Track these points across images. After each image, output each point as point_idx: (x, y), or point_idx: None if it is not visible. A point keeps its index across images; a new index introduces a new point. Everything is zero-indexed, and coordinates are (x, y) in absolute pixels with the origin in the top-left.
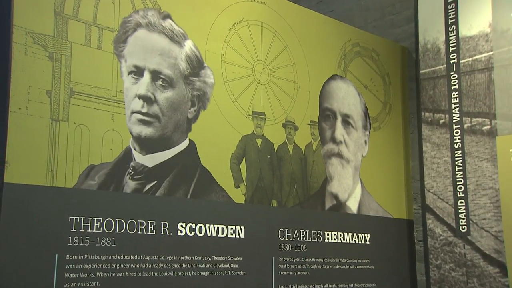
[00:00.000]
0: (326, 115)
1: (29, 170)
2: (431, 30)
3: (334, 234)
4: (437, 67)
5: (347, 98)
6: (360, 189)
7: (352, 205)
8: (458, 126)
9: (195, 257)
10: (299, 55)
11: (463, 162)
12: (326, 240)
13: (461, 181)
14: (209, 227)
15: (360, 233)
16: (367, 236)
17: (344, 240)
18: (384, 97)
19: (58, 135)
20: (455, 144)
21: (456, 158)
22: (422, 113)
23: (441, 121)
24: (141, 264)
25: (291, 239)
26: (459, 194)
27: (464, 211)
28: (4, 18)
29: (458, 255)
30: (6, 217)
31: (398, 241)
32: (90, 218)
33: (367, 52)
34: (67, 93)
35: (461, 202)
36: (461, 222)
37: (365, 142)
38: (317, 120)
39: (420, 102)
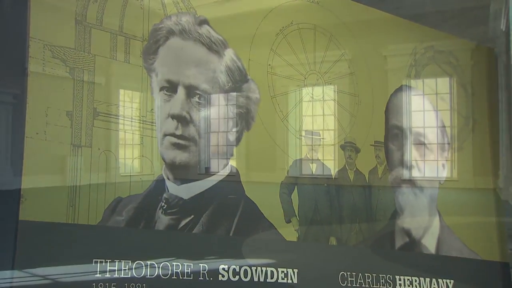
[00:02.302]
0: (394, 134)
1: (48, 205)
2: None
3: (408, 280)
4: None
5: (419, 113)
6: (439, 224)
7: (429, 244)
8: None
9: None
10: (360, 62)
11: None
12: (397, 287)
13: None
14: (256, 270)
15: (440, 278)
16: (449, 283)
17: (420, 286)
18: (466, 111)
19: (81, 163)
20: None
21: None
22: None
23: None
24: None
25: (354, 285)
26: None
27: None
28: (19, 30)
29: None
30: (22, 260)
31: None
32: (117, 261)
33: (444, 57)
34: (90, 114)
35: None
36: None
37: (443, 165)
38: (383, 140)
39: None
